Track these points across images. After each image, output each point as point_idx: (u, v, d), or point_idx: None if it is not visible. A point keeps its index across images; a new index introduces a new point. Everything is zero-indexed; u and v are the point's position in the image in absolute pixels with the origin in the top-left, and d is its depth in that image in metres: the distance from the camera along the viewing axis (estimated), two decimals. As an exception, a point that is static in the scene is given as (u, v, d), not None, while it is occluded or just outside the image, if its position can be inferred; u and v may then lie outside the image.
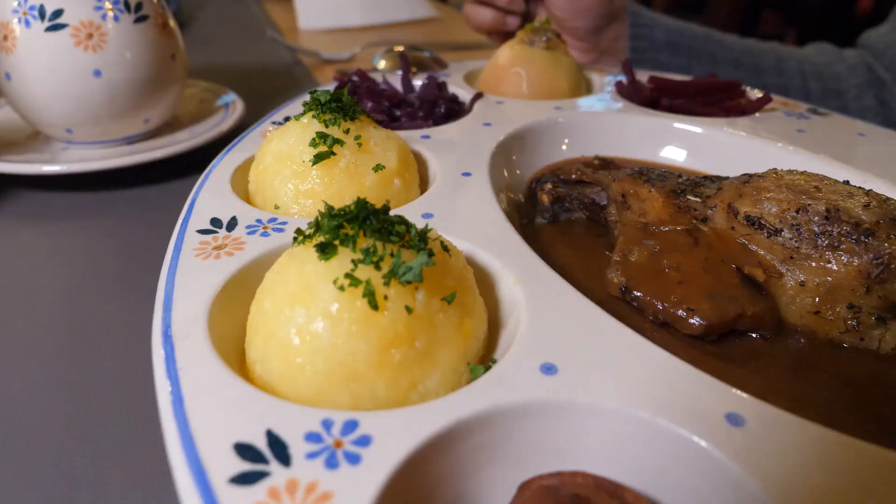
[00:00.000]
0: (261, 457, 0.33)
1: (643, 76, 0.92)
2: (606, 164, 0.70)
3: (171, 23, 0.91)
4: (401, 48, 1.13)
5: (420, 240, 0.41)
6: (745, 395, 0.37)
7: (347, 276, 0.38)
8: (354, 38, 1.56)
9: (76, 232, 0.75)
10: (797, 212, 0.52)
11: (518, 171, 0.73)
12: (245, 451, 0.33)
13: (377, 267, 0.39)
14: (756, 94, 0.88)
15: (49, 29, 0.76)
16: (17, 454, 0.47)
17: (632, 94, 0.85)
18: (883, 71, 1.26)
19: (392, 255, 0.40)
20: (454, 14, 1.92)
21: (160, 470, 0.45)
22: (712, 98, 0.83)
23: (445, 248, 0.44)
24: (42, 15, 0.76)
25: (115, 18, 0.80)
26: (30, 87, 0.79)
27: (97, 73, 0.79)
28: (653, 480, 0.36)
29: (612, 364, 0.39)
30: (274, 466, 0.32)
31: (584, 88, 0.91)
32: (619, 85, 0.88)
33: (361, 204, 0.42)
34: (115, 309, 0.62)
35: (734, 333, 0.51)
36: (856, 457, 0.34)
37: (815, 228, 0.51)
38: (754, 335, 0.51)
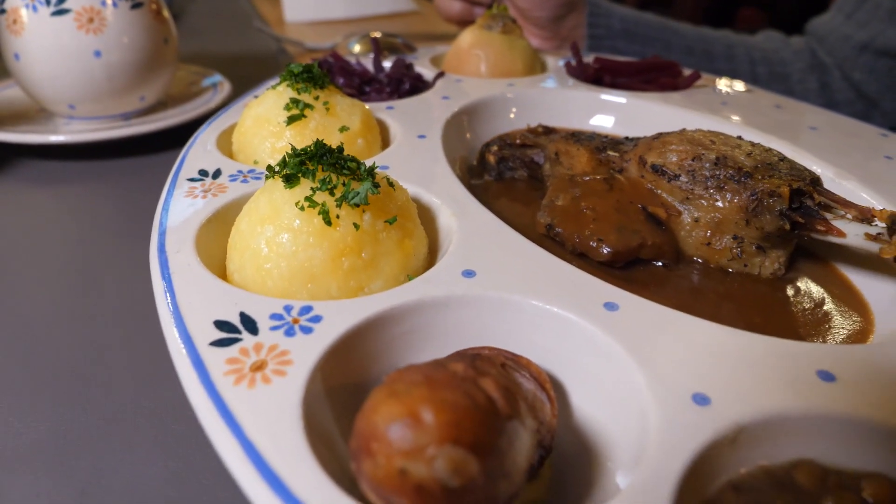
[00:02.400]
0: (235, 329, 0.42)
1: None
2: (549, 131, 0.80)
3: (165, 11, 1.00)
4: (377, 34, 1.22)
5: (368, 174, 0.51)
6: (622, 290, 0.47)
7: (307, 199, 0.48)
8: (338, 30, 1.65)
9: (79, 194, 0.84)
10: (693, 160, 0.61)
11: (471, 140, 0.82)
12: (222, 325, 0.42)
13: (331, 193, 0.49)
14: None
15: (54, 14, 0.86)
16: (37, 361, 0.56)
17: (578, 73, 0.95)
18: (825, 55, 1.36)
19: (344, 184, 0.49)
20: (433, 8, 2.01)
21: (158, 366, 0.54)
22: (650, 76, 0.93)
23: (391, 183, 0.53)
24: (48, 1, 0.85)
25: (114, 5, 0.89)
26: (36, 67, 0.88)
27: (97, 54, 0.88)
28: (545, 355, 0.45)
29: (520, 270, 0.49)
30: (245, 335, 0.42)
31: (539, 68, 1.00)
32: (567, 65, 0.97)
33: (320, 145, 0.51)
34: (115, 251, 0.71)
35: (640, 262, 0.61)
36: (707, 333, 0.44)
37: (707, 173, 0.60)
38: (657, 264, 0.61)
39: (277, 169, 0.51)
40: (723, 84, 0.96)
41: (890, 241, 0.49)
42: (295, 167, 0.50)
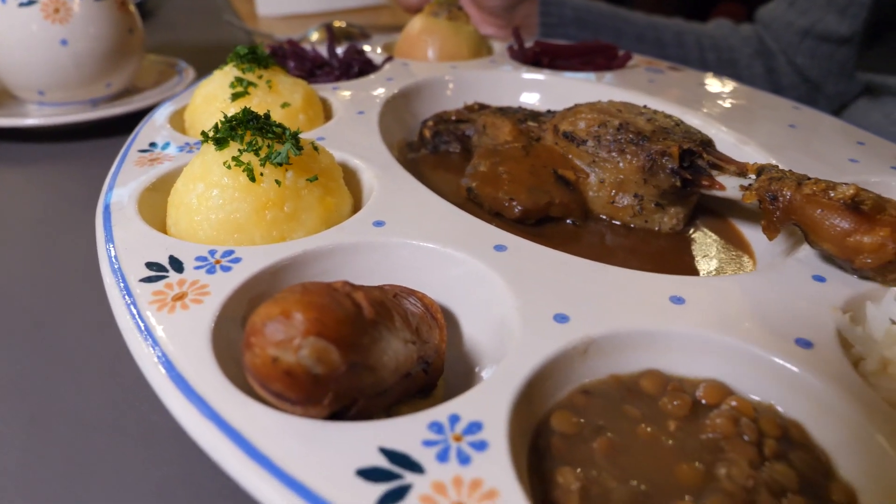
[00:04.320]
0: (163, 268, 0.48)
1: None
2: (483, 108, 0.86)
3: (130, 4, 1.05)
4: (342, 24, 1.28)
5: (292, 137, 0.57)
6: (512, 235, 0.53)
7: (234, 159, 0.54)
8: (309, 23, 1.71)
9: (47, 172, 0.90)
10: (598, 126, 0.67)
11: (412, 118, 0.88)
12: (152, 265, 0.48)
13: (257, 154, 0.54)
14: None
15: (22, 5, 0.91)
16: (-2, 312, 0.62)
17: (519, 56, 1.00)
18: (771, 42, 1.42)
19: (269, 146, 0.55)
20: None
21: (106, 316, 0.60)
22: (587, 58, 0.99)
23: (315, 147, 0.59)
24: (16, -7, 0.91)
25: (79, -4, 0.94)
26: (5, 55, 0.94)
27: (64, 43, 0.94)
28: (443, 291, 0.51)
29: (426, 221, 0.55)
30: (171, 273, 0.47)
31: (485, 53, 1.06)
32: (510, 49, 1.03)
33: (247, 111, 0.57)
34: (77, 221, 0.77)
35: (551, 220, 0.67)
36: (578, 267, 0.50)
37: (610, 138, 0.66)
38: (567, 221, 0.67)
39: (211, 134, 0.57)
40: (653, 64, 1.02)
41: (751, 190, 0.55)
42: (226, 132, 0.56)
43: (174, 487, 0.45)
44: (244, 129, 0.56)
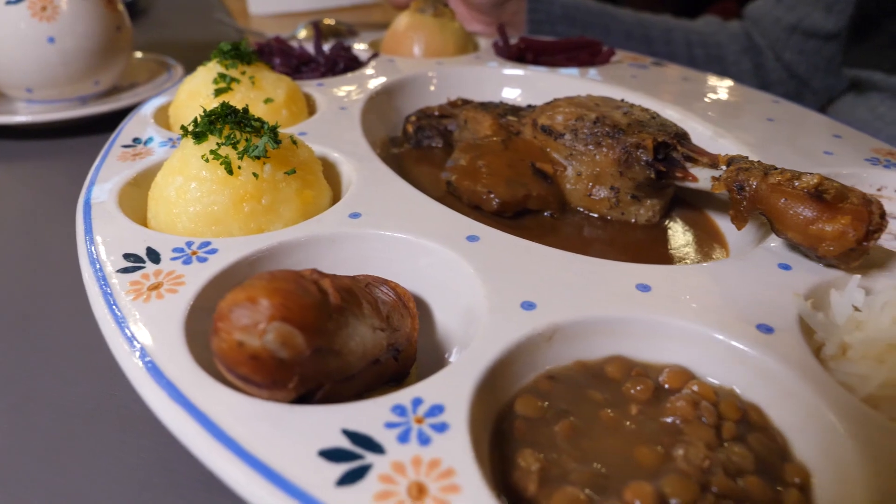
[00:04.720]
0: (140, 259, 0.49)
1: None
2: (467, 103, 0.87)
3: (118, 3, 1.06)
4: (331, 21, 1.29)
5: (271, 131, 0.57)
6: (485, 226, 0.54)
7: (212, 152, 0.54)
8: (300, 21, 1.71)
9: (36, 169, 0.91)
10: (576, 120, 0.68)
11: (396, 114, 0.89)
12: (129, 257, 0.49)
13: (234, 147, 0.55)
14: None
15: (9, 3, 0.92)
16: (-17, 305, 0.63)
17: (504, 52, 1.01)
18: (759, 38, 1.43)
19: (247, 140, 0.56)
20: None
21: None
22: (571, 54, 1.00)
23: (294, 141, 0.60)
24: (3, -10, 0.92)
25: (66, -6, 0.95)
26: (-6, 53, 0.95)
27: (51, 40, 0.95)
28: (416, 281, 0.52)
29: (401, 212, 0.56)
30: (148, 264, 0.48)
31: (471, 49, 1.07)
32: (495, 45, 1.04)
33: (226, 105, 0.58)
34: (64, 216, 0.77)
35: (529, 213, 0.68)
36: (548, 256, 0.51)
37: (587, 131, 0.67)
38: (545, 214, 0.68)
39: (190, 128, 0.58)
40: (637, 60, 1.03)
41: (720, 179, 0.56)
42: (204, 126, 0.57)
43: (151, 473, 0.46)
44: (223, 122, 0.57)
